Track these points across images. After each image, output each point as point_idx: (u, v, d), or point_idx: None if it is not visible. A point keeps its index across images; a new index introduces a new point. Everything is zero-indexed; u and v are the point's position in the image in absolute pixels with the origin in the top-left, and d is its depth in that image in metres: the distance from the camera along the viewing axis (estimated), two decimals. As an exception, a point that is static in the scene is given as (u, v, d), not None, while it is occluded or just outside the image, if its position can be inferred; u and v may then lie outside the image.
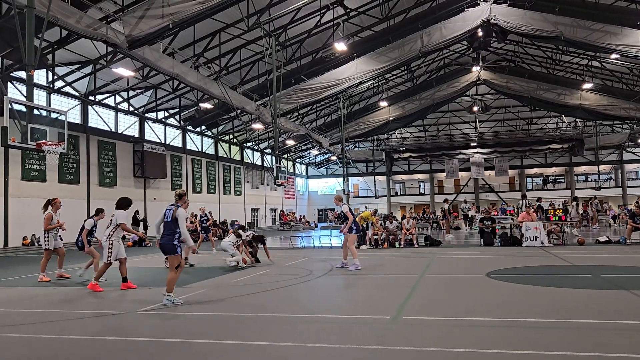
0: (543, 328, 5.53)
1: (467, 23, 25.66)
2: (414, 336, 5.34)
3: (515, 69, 38.27)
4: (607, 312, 6.26)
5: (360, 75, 28.01)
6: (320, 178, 58.24)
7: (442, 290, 8.28)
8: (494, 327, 5.67)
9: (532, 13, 24.43)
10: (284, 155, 47.15)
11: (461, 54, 36.80)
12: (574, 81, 36.15)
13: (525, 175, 53.01)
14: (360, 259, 11.91)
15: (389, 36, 26.15)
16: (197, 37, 22.66)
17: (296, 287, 9.13)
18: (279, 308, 7.14)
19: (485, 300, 7.25)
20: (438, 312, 6.55)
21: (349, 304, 7.57)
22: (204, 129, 35.35)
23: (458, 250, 16.35)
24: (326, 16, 24.05)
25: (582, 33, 24.09)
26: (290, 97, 28.30)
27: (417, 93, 40.08)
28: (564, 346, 4.76)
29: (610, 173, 51.38)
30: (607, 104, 36.03)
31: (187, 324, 6.19)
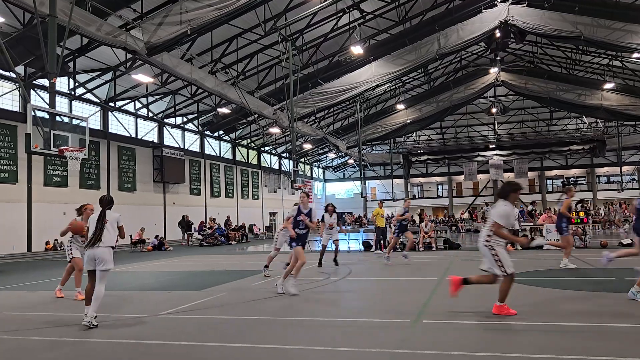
0: (563, 332, 5.46)
1: (484, 24, 25.47)
2: (435, 340, 5.31)
3: (534, 70, 37.84)
4: (632, 315, 6.14)
5: (377, 78, 27.97)
6: (338, 182, 58.20)
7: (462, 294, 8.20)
8: (514, 331, 5.61)
9: (551, 13, 24.15)
10: (301, 159, 47.25)
11: (479, 56, 36.52)
12: (595, 81, 35.60)
13: (545, 177, 52.29)
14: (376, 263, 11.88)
15: (405, 39, 26.06)
16: (214, 43, 22.88)
17: (315, 291, 9.13)
18: (298, 311, 7.15)
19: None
20: (458, 315, 6.50)
21: (368, 308, 7.55)
22: (222, 134, 35.63)
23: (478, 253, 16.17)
24: (342, 20, 24.08)
25: (602, 32, 23.75)
26: (307, 101, 28.37)
27: (435, 95, 39.85)
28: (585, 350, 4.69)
29: (633, 174, 50.41)
30: (629, 104, 35.40)
31: (206, 327, 6.23)
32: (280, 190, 45.09)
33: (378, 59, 27.30)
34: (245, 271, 12.65)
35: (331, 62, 27.16)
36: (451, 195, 53.46)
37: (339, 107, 36.80)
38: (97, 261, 6.45)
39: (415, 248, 18.05)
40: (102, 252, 6.46)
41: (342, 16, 23.67)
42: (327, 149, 45.77)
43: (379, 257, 16.07)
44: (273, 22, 21.59)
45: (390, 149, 48.44)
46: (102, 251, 6.47)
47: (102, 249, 6.46)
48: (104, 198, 6.91)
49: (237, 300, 8.19)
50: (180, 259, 17.74)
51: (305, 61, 26.20)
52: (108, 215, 6.67)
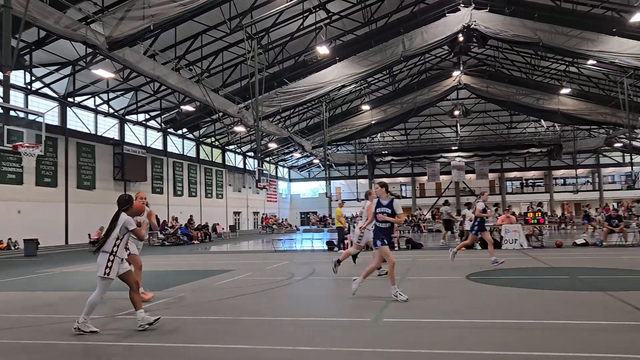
0: (522, 329, 5.61)
1: (448, 28, 25.92)
2: (394, 338, 5.37)
3: (495, 74, 38.76)
4: (584, 313, 6.36)
5: (343, 78, 28.09)
6: (303, 181, 58.21)
7: (422, 293, 8.33)
8: (473, 329, 5.72)
9: (512, 19, 24.76)
10: (266, 159, 47.04)
11: (442, 59, 37.14)
12: (553, 86, 36.74)
13: (505, 178, 53.66)
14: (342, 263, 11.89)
15: (371, 40, 26.26)
16: (178, 39, 22.52)
17: (278, 290, 9.11)
18: (260, 311, 7.12)
19: (464, 302, 7.31)
20: (418, 314, 6.59)
21: (330, 307, 7.57)
22: (186, 132, 35.11)
23: (438, 253, 16.45)
24: (308, 20, 24.08)
25: (560, 39, 24.51)
26: (273, 100, 28.25)
27: (399, 97, 40.31)
28: (543, 347, 4.83)
29: (588, 177, 52.30)
30: (584, 109, 36.69)
31: (165, 328, 6.13)
32: (244, 190, 44.76)
33: (344, 60, 27.43)
34: (208, 271, 12.51)
35: (297, 61, 27.13)
36: (414, 196, 54.24)
37: (305, 107, 36.80)
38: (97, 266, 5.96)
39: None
40: (99, 258, 5.96)
41: (308, 16, 23.67)
42: (292, 148, 45.71)
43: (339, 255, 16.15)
44: (238, 20, 21.40)
45: (355, 150, 48.76)
46: (99, 257, 5.96)
47: (100, 254, 5.96)
48: (120, 198, 6.36)
49: (198, 300, 8.09)
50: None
51: (270, 60, 26.08)
52: (120, 218, 6.07)
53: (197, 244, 26.41)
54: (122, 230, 6.01)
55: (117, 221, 6.02)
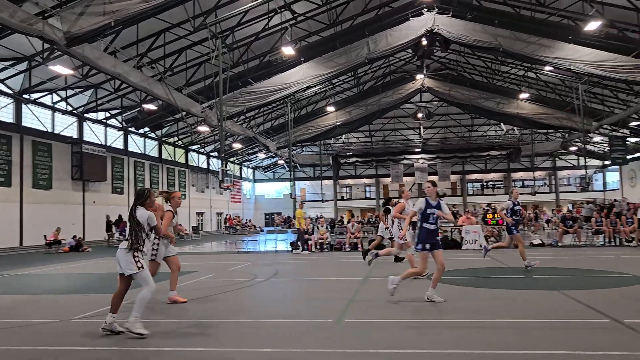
0: (481, 328, 5.73)
1: (411, 32, 26.26)
2: (356, 339, 5.40)
3: (458, 78, 39.52)
4: (540, 311, 6.55)
5: (308, 79, 28.09)
6: (267, 182, 57.94)
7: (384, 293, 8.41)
8: (434, 328, 5.81)
9: (474, 24, 25.30)
10: (231, 159, 46.59)
11: (406, 62, 37.63)
12: (512, 91, 37.73)
13: (466, 180, 54.79)
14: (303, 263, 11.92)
15: (336, 42, 26.35)
16: (140, 37, 22.03)
17: (240, 292, 9.03)
18: (221, 313, 7.04)
19: (425, 302, 7.41)
20: (380, 314, 6.65)
21: (292, 308, 7.56)
22: (148, 131, 34.41)
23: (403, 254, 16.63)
24: (274, 20, 23.97)
25: (519, 45, 25.17)
26: (237, 100, 28.00)
27: (364, 99, 40.62)
28: (502, 345, 4.95)
29: (545, 179, 53.95)
30: (541, 113, 37.83)
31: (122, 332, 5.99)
32: (208, 190, 44.22)
33: (309, 61, 27.43)
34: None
35: (262, 61, 26.96)
36: (378, 197, 54.72)
37: (270, 107, 36.64)
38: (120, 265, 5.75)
39: (342, 248, 18.31)
40: (120, 255, 5.77)
41: (273, 16, 23.57)
42: (257, 149, 45.40)
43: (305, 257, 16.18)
44: (203, 19, 21.11)
45: (320, 151, 48.88)
46: (120, 254, 5.77)
47: (120, 252, 5.77)
48: (137, 192, 6.15)
49: (157, 303, 7.94)
50: (99, 261, 16.94)
51: (235, 59, 25.84)
52: (138, 212, 5.85)
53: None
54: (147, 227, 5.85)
55: (137, 216, 5.80)
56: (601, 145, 43.31)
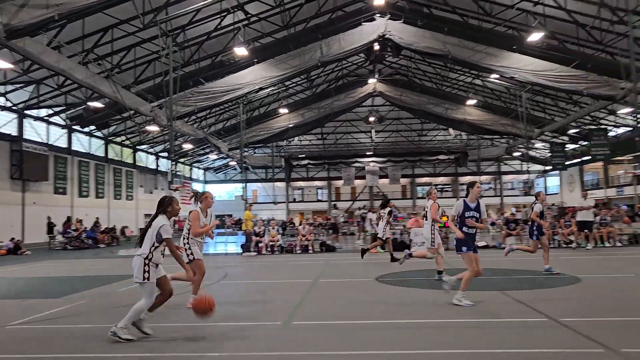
0: (423, 328, 5.85)
1: (364, 36, 26.58)
2: (304, 341, 5.41)
3: (409, 83, 40.30)
4: (481, 311, 6.76)
5: (261, 81, 27.91)
6: (219, 183, 57.18)
7: (334, 295, 8.47)
8: (380, 330, 5.89)
9: (424, 32, 25.89)
10: (181, 160, 45.66)
11: (359, 66, 38.06)
12: (460, 97, 38.84)
13: (415, 183, 55.94)
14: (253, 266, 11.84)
15: (289, 44, 26.33)
16: (87, 32, 21.27)
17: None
18: (168, 317, 6.89)
19: (373, 304, 7.51)
20: (328, 316, 6.69)
21: (241, 311, 7.48)
22: (93, 130, 33.24)
23: (351, 255, 16.80)
24: (227, 20, 23.71)
25: (467, 53, 25.95)
26: (188, 99, 27.47)
27: (317, 101, 40.77)
28: (442, 345, 5.07)
29: (490, 183, 55.81)
30: (487, 120, 39.13)
31: (65, 338, 5.76)
32: (156, 191, 43.14)
33: (262, 62, 27.27)
34: (113, 276, 11.90)
35: (214, 61, 26.60)
36: (330, 199, 55.05)
37: (222, 108, 36.18)
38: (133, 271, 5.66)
39: (292, 250, 18.31)
40: (134, 262, 5.67)
41: (226, 16, 23.31)
42: (208, 149, 44.73)
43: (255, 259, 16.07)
44: (153, 15, 20.62)
45: (272, 152, 48.70)
46: (134, 260, 5.67)
47: (135, 259, 5.67)
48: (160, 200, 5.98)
49: (98, 308, 7.68)
50: (39, 264, 16.23)
51: (186, 58, 25.38)
52: (155, 220, 5.76)
53: (104, 248, 25.11)
54: (157, 237, 5.67)
55: (153, 223, 5.71)
56: (543, 151, 45.24)
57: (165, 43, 21.97)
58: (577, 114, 31.94)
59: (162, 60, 22.69)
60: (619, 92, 22.68)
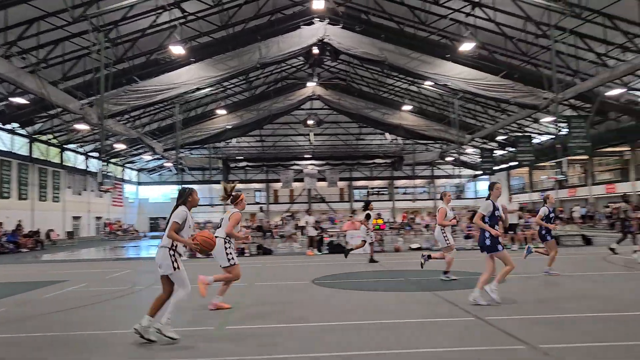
0: (358, 329, 5.93)
1: (303, 40, 26.67)
2: (236, 346, 5.33)
3: (347, 88, 40.84)
4: (414, 311, 6.94)
5: (198, 81, 27.33)
6: (153, 185, 55.49)
7: (269, 298, 8.41)
8: (320, 332, 5.90)
9: (362, 37, 26.34)
10: (112, 160, 43.94)
11: (298, 69, 38.15)
12: (396, 103, 39.80)
13: (353, 187, 56.72)
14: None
15: (228, 44, 26.00)
16: (10, 24, 20.03)
17: (116, 302, 8.52)
18: (95, 325, 6.59)
19: (308, 306, 7.53)
20: (263, 320, 6.63)
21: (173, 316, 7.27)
22: (17, 127, 31.31)
23: (288, 258, 16.80)
24: (162, 17, 23.06)
25: (403, 60, 26.65)
26: (121, 98, 26.46)
27: (255, 103, 40.47)
28: (375, 345, 5.15)
29: (425, 187, 57.53)
30: (422, 125, 40.35)
31: (-23, 350, 5.37)
32: (86, 193, 41.28)
33: (199, 62, 26.74)
34: (36, 282, 11.26)
35: (149, 59, 25.80)
36: (268, 202, 54.78)
37: (157, 107, 35.13)
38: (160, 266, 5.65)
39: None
40: (158, 256, 5.65)
41: (162, 13, 22.68)
42: (142, 150, 43.31)
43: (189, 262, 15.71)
44: (83, 9, 19.73)
45: (210, 154, 47.84)
46: (158, 254, 5.66)
47: (159, 252, 5.65)
48: (179, 191, 5.98)
49: (19, 316, 7.23)
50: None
51: (119, 55, 24.47)
52: (175, 211, 5.75)
53: (26, 253, 23.71)
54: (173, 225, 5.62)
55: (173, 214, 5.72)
56: (473, 157, 47.18)
57: (96, 38, 21.09)
58: (505, 121, 33.55)
59: (93, 57, 21.75)
60: (542, 101, 24.03)
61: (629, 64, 19.98)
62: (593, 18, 20.03)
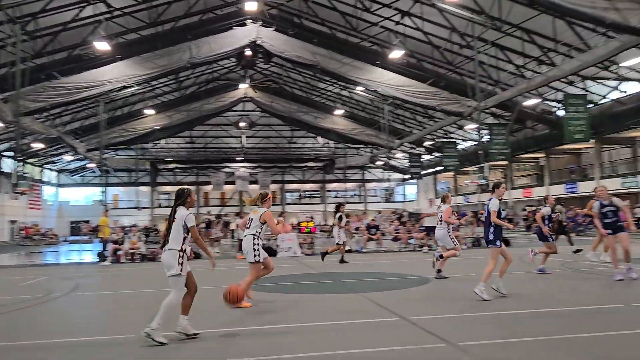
0: (286, 333, 5.90)
1: (235, 41, 26.36)
2: (156, 353, 5.16)
3: (280, 91, 40.81)
4: (341, 313, 7.00)
5: (124, 79, 26.28)
6: (75, 187, 52.80)
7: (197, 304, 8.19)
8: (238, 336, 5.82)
9: (295, 41, 26.43)
10: (29, 160, 41.35)
11: (230, 70, 37.67)
12: (328, 107, 40.25)
13: (285, 190, 56.72)
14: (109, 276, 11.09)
15: (157, 42, 25.21)
16: None
17: (29, 311, 8.00)
18: (7, 335, 6.14)
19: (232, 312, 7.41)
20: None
21: (90, 325, 6.94)
22: None
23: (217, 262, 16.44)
24: (86, 11, 22.02)
25: (335, 65, 26.99)
26: (39, 94, 24.93)
27: (185, 104, 39.51)
28: (305, 348, 5.15)
29: (355, 190, 58.54)
30: (353, 130, 41.04)
31: None
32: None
33: (126, 59, 25.73)
34: None
35: (71, 55, 24.51)
36: (198, 205, 53.58)
37: (80, 105, 33.47)
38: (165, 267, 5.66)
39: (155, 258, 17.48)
40: (166, 257, 5.64)
41: (85, 7, 21.66)
42: (62, 150, 41.08)
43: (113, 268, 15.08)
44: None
45: (137, 155, 46.17)
46: (166, 255, 5.65)
47: (166, 253, 5.64)
48: (177, 192, 6.00)
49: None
50: None
51: (38, 49, 23.08)
52: (178, 212, 5.74)
53: None
54: (184, 227, 5.69)
55: (176, 216, 5.72)
56: (402, 161, 48.56)
57: (12, 30, 19.79)
58: (432, 127, 34.80)
59: (7, 50, 20.39)
60: (466, 109, 25.15)
61: (544, 76, 21.34)
62: (512, 32, 21.25)
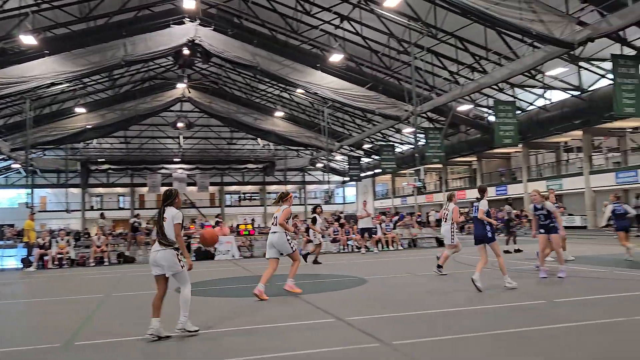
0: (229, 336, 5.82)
1: (172, 39, 25.74)
2: (85, 363, 4.94)
3: (219, 91, 40.24)
4: (278, 316, 6.97)
5: (53, 75, 25.04)
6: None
7: (127, 310, 7.94)
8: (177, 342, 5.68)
9: (234, 41, 26.14)
10: (-54, 160, 38.55)
11: (167, 69, 36.76)
12: (268, 108, 40.13)
13: (224, 191, 55.94)
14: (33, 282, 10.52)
15: (88, 38, 24.17)
16: None
17: None
18: None
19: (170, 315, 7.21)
20: (118, 333, 6.23)
21: (15, 334, 6.54)
22: None
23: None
24: (11, 2, 20.80)
25: (275, 66, 26.95)
26: (-43, 89, 23.38)
27: (120, 103, 38.16)
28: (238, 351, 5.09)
29: (296, 192, 58.62)
30: (294, 132, 41.13)
31: None
32: None
33: (55, 55, 24.51)
34: None
35: (-6, 48, 23.10)
36: (133, 207, 51.85)
37: (3, 102, 31.60)
38: (162, 267, 5.68)
39: (85, 263, 16.77)
40: (162, 257, 5.64)
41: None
42: (-16, 149, 38.54)
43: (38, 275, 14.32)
44: None
45: (67, 155, 44.05)
46: (162, 255, 5.65)
47: (161, 253, 5.64)
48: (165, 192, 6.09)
49: None
50: None
51: (-44, 41, 21.58)
52: (167, 212, 5.77)
53: None
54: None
55: (166, 215, 5.76)
56: (342, 164, 49.12)
57: None
58: (371, 130, 35.45)
59: None
60: (404, 113, 25.81)
61: (476, 82, 22.26)
62: (447, 39, 22.02)
